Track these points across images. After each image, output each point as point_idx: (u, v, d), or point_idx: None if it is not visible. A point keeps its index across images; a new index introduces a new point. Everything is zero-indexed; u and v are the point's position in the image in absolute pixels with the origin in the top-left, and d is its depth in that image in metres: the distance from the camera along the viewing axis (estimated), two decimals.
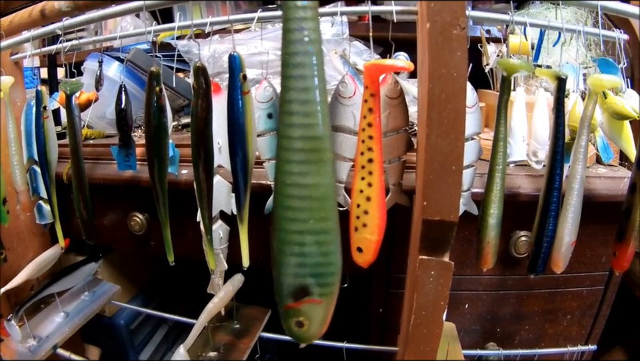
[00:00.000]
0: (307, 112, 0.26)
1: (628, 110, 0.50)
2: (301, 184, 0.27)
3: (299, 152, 0.26)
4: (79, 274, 0.75)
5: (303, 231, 0.28)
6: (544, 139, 0.53)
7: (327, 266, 0.30)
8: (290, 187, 0.27)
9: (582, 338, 0.72)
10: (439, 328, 0.44)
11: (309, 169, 0.27)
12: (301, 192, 0.27)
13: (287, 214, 0.28)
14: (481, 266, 0.51)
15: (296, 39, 0.26)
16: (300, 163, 0.26)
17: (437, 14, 0.38)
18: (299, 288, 0.29)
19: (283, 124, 0.26)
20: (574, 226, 0.49)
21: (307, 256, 0.29)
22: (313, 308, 0.30)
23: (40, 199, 0.69)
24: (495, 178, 0.47)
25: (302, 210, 0.27)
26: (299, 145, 0.26)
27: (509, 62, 0.45)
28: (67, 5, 0.57)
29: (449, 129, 0.38)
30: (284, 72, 0.26)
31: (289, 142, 0.26)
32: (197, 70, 0.46)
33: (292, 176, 0.27)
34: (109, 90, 0.75)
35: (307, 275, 0.29)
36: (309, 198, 0.27)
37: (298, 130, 0.26)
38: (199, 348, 0.66)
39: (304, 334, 0.31)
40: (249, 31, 0.79)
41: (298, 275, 0.29)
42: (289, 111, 0.26)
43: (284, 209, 0.27)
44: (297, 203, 0.27)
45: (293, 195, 0.27)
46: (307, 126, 0.26)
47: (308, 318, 0.30)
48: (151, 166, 0.52)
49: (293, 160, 0.26)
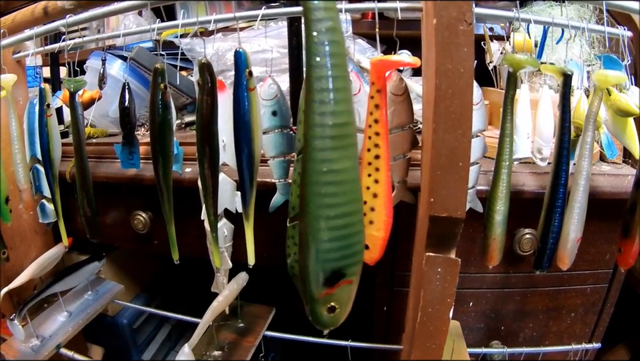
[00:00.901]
0: (338, 100, 0.27)
1: (632, 107, 0.50)
2: (336, 170, 0.28)
3: (333, 140, 0.27)
4: (82, 273, 0.74)
5: (339, 215, 0.29)
6: (548, 136, 0.53)
7: (357, 245, 0.30)
8: (326, 174, 0.28)
9: (586, 336, 0.72)
10: (446, 325, 0.44)
11: (341, 155, 0.28)
12: (336, 178, 0.28)
13: (323, 201, 0.28)
14: (487, 262, 0.51)
15: (322, 28, 0.26)
16: (334, 150, 0.27)
17: (444, 10, 0.38)
18: (336, 271, 0.30)
19: (315, 113, 0.27)
20: (580, 222, 0.49)
21: (343, 238, 0.29)
22: (346, 289, 0.31)
23: (43, 198, 0.69)
24: (501, 174, 0.47)
25: (337, 195, 0.28)
26: (332, 132, 0.27)
27: (515, 58, 0.45)
28: (70, 3, 0.57)
29: (456, 124, 0.38)
30: (312, 62, 0.26)
31: (323, 131, 0.27)
32: (203, 66, 0.46)
33: (328, 163, 0.27)
34: (112, 88, 0.75)
35: (341, 257, 0.30)
36: (343, 183, 0.28)
37: (330, 118, 0.27)
38: (203, 347, 0.66)
39: (334, 319, 0.32)
40: (251, 29, 0.79)
41: (335, 259, 0.30)
42: (320, 100, 0.26)
43: (320, 197, 0.28)
44: (333, 189, 0.28)
45: (330, 181, 0.28)
46: (339, 113, 0.27)
47: (339, 301, 0.31)
48: (156, 163, 0.51)
49: (327, 147, 0.27)
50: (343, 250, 0.30)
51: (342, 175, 0.28)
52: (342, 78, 0.27)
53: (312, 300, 0.31)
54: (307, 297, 0.31)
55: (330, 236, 0.29)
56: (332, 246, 0.29)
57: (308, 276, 0.30)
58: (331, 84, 0.26)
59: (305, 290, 0.31)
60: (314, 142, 0.27)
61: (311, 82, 0.26)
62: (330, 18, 0.26)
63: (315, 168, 0.27)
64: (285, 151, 0.53)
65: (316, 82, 0.26)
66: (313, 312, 0.32)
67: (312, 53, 0.26)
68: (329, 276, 0.30)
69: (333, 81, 0.26)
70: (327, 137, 0.27)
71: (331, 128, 0.27)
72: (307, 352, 0.84)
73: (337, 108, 0.27)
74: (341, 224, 0.29)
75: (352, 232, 0.30)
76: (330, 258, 0.30)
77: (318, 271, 0.30)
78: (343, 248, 0.30)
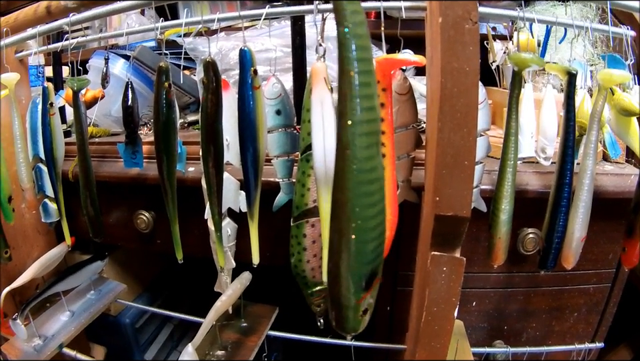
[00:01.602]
0: (367, 95, 0.26)
1: (635, 106, 0.50)
2: (373, 167, 0.27)
3: (368, 136, 0.26)
4: (85, 272, 0.74)
5: (377, 213, 0.28)
6: (552, 135, 0.53)
7: (384, 239, 0.30)
8: (366, 173, 0.27)
9: (589, 336, 0.72)
10: (451, 324, 0.44)
11: (374, 152, 0.27)
12: (373, 176, 0.27)
13: (364, 201, 0.27)
14: (492, 262, 0.51)
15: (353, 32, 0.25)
16: (369, 147, 0.27)
17: (449, 9, 0.38)
18: (374, 272, 0.29)
19: (350, 110, 0.26)
20: (584, 221, 0.49)
21: (379, 237, 0.29)
22: (376, 288, 0.30)
23: (45, 197, 0.69)
24: (506, 173, 0.47)
25: (375, 193, 0.28)
26: (366, 129, 0.26)
27: (520, 57, 0.45)
28: (72, 2, 0.57)
29: (462, 123, 0.38)
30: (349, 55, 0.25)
31: (360, 127, 0.26)
32: (207, 65, 0.46)
33: (367, 162, 0.27)
34: (115, 87, 0.75)
35: (377, 256, 0.29)
36: (378, 180, 0.28)
37: (364, 115, 0.26)
38: (207, 347, 0.66)
39: (364, 320, 0.31)
40: (255, 28, 0.79)
41: (374, 260, 0.29)
42: (354, 95, 0.25)
43: (360, 197, 0.27)
44: (371, 187, 0.27)
45: (368, 179, 0.27)
46: (373, 109, 0.26)
47: (371, 302, 0.31)
48: (160, 162, 0.51)
49: (363, 145, 0.26)
50: (378, 249, 0.29)
51: (378, 172, 0.27)
52: (369, 73, 0.26)
53: (348, 306, 0.30)
54: (342, 304, 0.30)
55: (372, 235, 0.28)
56: (373, 245, 0.28)
57: (348, 282, 0.29)
58: (363, 79, 0.26)
59: (341, 296, 0.29)
60: (352, 139, 0.26)
61: (351, 77, 0.25)
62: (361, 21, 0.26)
63: (354, 166, 0.26)
64: (288, 150, 0.53)
65: (349, 78, 0.25)
66: (348, 319, 0.30)
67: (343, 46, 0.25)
68: (367, 277, 0.29)
69: (364, 76, 0.26)
70: (363, 134, 0.26)
71: (365, 125, 0.26)
72: (310, 351, 0.84)
73: (368, 104, 0.26)
74: (379, 221, 0.28)
75: (383, 229, 0.29)
76: (370, 259, 0.29)
77: (361, 275, 0.28)
78: (379, 246, 0.29)
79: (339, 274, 0.29)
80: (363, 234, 0.27)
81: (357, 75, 0.25)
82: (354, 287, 0.29)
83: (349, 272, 0.28)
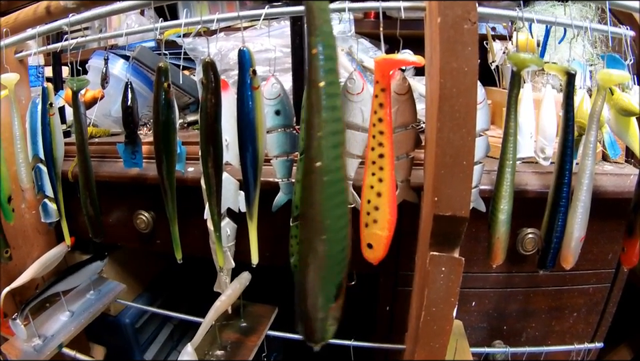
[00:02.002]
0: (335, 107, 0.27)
1: (635, 106, 0.50)
2: (341, 177, 0.28)
3: (335, 148, 0.27)
4: (85, 272, 0.74)
5: (345, 224, 0.29)
6: (551, 135, 0.53)
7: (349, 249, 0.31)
8: (336, 184, 0.28)
9: (588, 336, 0.72)
10: (450, 324, 0.44)
11: (342, 163, 0.28)
12: (341, 186, 0.28)
13: (335, 212, 0.28)
14: (491, 262, 0.51)
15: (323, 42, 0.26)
16: (336, 159, 0.27)
17: (448, 9, 0.38)
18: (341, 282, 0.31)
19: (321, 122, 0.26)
20: (583, 222, 0.49)
21: (347, 246, 0.30)
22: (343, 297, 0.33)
23: (45, 197, 0.69)
24: (505, 173, 0.47)
25: (343, 203, 0.29)
26: (334, 141, 0.27)
27: (519, 57, 0.45)
28: (72, 2, 0.57)
29: (461, 123, 0.38)
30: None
31: (331, 139, 0.27)
32: (206, 65, 0.46)
33: (336, 173, 0.27)
34: (115, 87, 0.75)
35: (345, 266, 0.31)
36: (345, 190, 0.29)
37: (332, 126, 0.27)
38: (206, 346, 0.66)
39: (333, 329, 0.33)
40: (254, 29, 0.79)
41: (343, 269, 0.31)
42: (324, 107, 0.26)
43: (332, 209, 0.28)
44: (341, 197, 0.29)
45: (338, 190, 0.28)
46: (337, 120, 0.27)
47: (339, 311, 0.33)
48: (159, 162, 0.51)
49: (332, 156, 0.27)
50: (346, 258, 0.30)
51: (343, 182, 0.28)
52: (339, 84, 0.27)
53: (317, 318, 0.30)
54: (312, 316, 0.30)
55: (342, 246, 0.28)
56: (342, 256, 0.29)
57: (318, 294, 0.29)
58: (335, 90, 0.26)
59: (311, 308, 0.30)
60: (326, 152, 0.26)
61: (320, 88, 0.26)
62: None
63: (328, 178, 0.27)
64: (288, 150, 0.53)
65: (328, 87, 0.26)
66: (317, 330, 0.31)
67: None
68: (337, 289, 0.30)
69: (336, 87, 0.26)
70: (332, 146, 0.26)
71: (334, 136, 0.26)
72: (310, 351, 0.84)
73: (338, 115, 0.26)
74: (345, 234, 0.29)
75: (349, 238, 0.30)
76: (340, 269, 0.29)
77: (332, 286, 0.29)
78: (347, 255, 0.30)
79: (309, 286, 0.29)
80: (334, 245, 0.28)
81: (325, 87, 0.26)
82: (324, 299, 0.29)
83: (320, 284, 0.29)
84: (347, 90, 0.48)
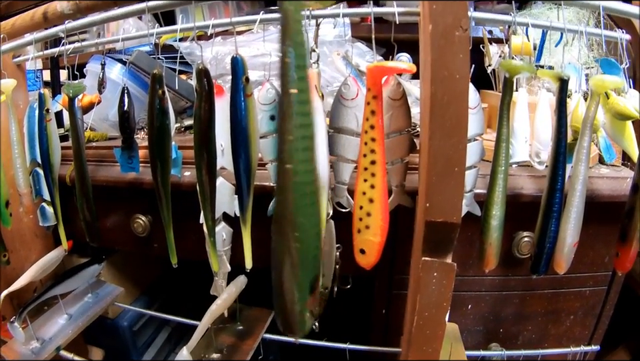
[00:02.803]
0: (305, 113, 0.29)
1: (630, 110, 0.50)
2: (313, 179, 0.30)
3: (305, 151, 0.29)
4: (82, 275, 0.75)
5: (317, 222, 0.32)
6: (546, 140, 0.53)
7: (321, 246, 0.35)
8: (307, 185, 0.30)
9: (585, 339, 0.72)
10: (442, 329, 0.44)
11: (313, 165, 0.30)
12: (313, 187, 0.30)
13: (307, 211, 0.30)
14: (484, 267, 0.51)
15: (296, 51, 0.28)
16: (307, 161, 0.30)
17: (439, 16, 0.38)
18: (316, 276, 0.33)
19: (291, 127, 0.28)
20: (576, 227, 0.49)
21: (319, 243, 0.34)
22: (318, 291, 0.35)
23: (43, 201, 0.69)
24: (497, 179, 0.47)
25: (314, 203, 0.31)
26: (305, 144, 0.29)
27: (511, 64, 0.45)
28: (69, 8, 0.57)
29: (452, 131, 0.38)
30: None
31: (301, 143, 0.29)
32: (200, 72, 0.46)
33: (308, 175, 0.30)
34: (112, 92, 0.75)
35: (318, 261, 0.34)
36: (317, 190, 0.31)
37: (302, 131, 0.29)
38: (202, 350, 0.66)
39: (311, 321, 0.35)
40: (250, 33, 0.79)
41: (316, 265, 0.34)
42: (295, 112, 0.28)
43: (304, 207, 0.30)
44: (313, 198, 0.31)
45: (310, 191, 0.30)
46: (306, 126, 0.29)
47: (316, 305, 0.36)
48: (154, 168, 0.52)
49: (303, 159, 0.29)
50: (319, 254, 0.32)
51: (315, 184, 0.30)
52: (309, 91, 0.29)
53: (295, 311, 0.32)
54: (290, 310, 0.32)
55: (314, 244, 0.31)
56: (315, 253, 0.31)
57: (294, 290, 0.31)
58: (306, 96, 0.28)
59: (288, 303, 0.32)
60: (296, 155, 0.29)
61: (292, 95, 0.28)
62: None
63: (300, 180, 0.29)
64: None
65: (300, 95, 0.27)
66: (296, 323, 0.33)
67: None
68: (312, 284, 0.32)
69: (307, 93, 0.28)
70: (303, 149, 0.29)
71: (304, 140, 0.29)
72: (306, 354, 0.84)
73: (308, 121, 0.29)
74: (317, 231, 0.31)
75: (321, 235, 0.32)
76: (314, 265, 0.31)
77: (306, 281, 0.31)
78: (319, 252, 0.32)
79: (285, 281, 0.31)
80: (306, 242, 0.30)
81: (297, 94, 0.28)
82: (300, 293, 0.31)
83: (294, 280, 0.31)
84: (341, 96, 0.49)
